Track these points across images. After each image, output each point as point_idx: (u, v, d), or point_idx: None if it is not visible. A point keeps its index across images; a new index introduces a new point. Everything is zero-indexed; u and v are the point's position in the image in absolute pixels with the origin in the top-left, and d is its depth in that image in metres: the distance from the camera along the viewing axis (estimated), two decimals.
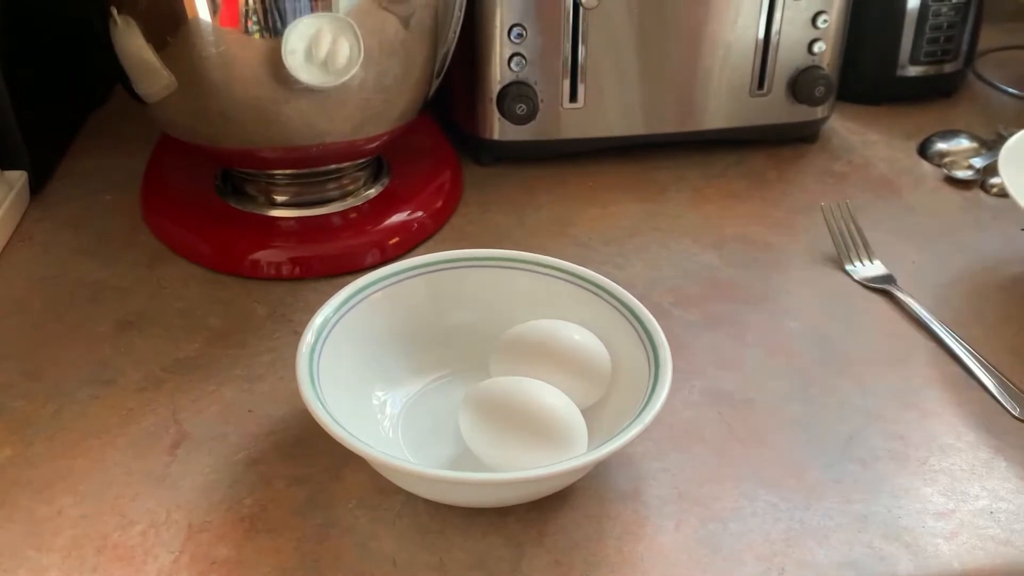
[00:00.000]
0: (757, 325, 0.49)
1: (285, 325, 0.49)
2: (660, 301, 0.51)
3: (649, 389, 0.39)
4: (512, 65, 0.58)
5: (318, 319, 0.41)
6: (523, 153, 0.62)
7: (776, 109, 0.62)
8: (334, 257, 0.52)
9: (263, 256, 0.52)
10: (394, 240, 0.54)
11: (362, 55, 0.47)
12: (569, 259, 0.45)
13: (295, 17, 0.45)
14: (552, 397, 0.39)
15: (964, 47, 0.69)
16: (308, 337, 0.40)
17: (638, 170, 0.62)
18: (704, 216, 0.58)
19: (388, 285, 0.44)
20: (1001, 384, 0.45)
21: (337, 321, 0.42)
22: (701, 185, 0.61)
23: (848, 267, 0.54)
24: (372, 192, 0.56)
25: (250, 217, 0.54)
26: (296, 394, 0.39)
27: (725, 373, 0.46)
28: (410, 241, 0.55)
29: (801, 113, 0.63)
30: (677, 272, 0.53)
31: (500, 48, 0.58)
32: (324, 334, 0.41)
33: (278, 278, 0.52)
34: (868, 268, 0.53)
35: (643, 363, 0.41)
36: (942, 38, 0.67)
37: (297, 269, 0.52)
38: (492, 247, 0.48)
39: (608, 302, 0.43)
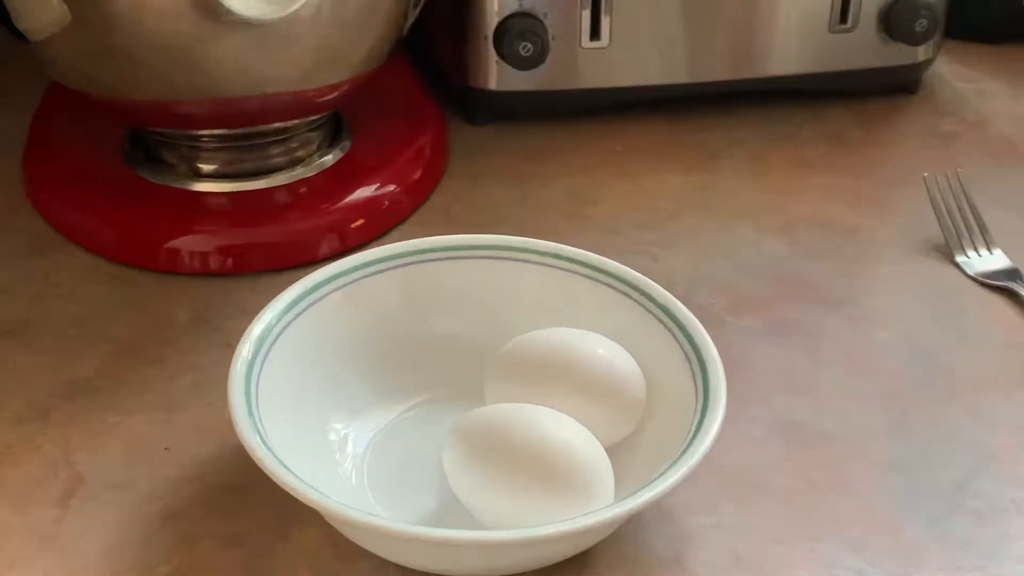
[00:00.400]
0: (837, 335, 0.49)
1: (214, 335, 0.49)
2: (709, 304, 0.51)
3: (696, 420, 0.39)
4: None
5: (257, 328, 0.41)
6: (528, 108, 0.61)
7: (863, 50, 0.62)
8: (279, 245, 0.52)
9: (184, 244, 0.52)
10: (358, 223, 0.54)
11: None
12: (590, 248, 0.45)
13: None
14: (567, 431, 0.39)
15: None
16: (245, 351, 0.40)
17: (681, 131, 0.62)
18: (767, 191, 0.58)
19: (350, 283, 0.44)
20: None
21: (283, 330, 0.42)
22: (764, 150, 0.61)
23: (959, 258, 0.53)
24: (328, 159, 0.56)
25: (167, 193, 0.54)
26: (228, 426, 0.39)
27: (795, 399, 0.46)
28: (379, 224, 0.54)
29: (896, 55, 0.63)
30: (732, 266, 0.53)
31: None
32: (266, 347, 0.41)
33: (205, 273, 0.52)
34: (985, 260, 0.53)
35: (688, 386, 0.41)
36: None
37: (230, 261, 0.52)
38: (487, 232, 0.48)
39: (642, 305, 0.43)
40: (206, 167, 0.55)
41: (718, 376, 0.40)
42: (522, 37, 0.58)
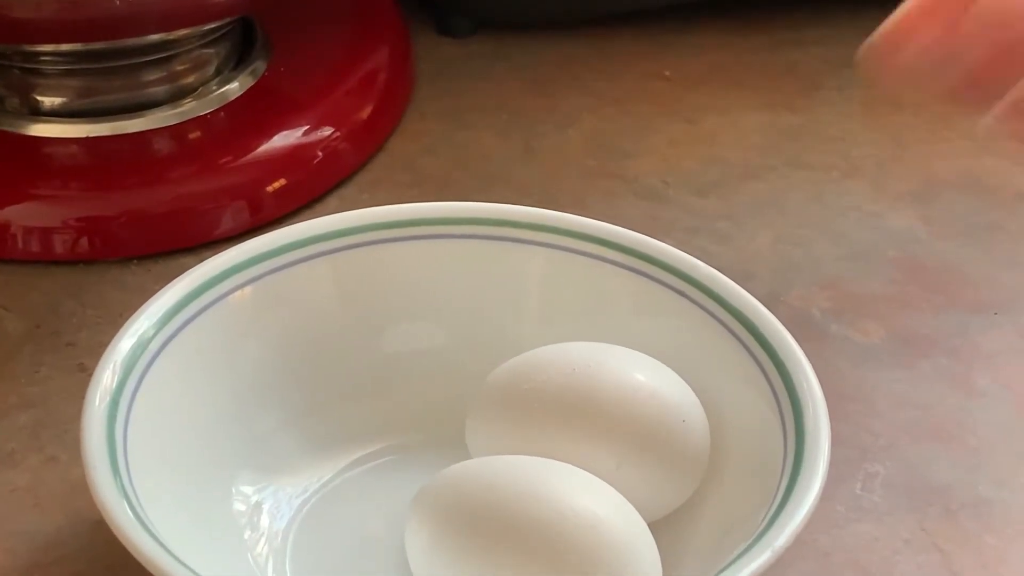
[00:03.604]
0: (996, 356, 0.50)
1: (61, 353, 0.49)
2: (805, 308, 0.51)
3: (784, 482, 0.39)
4: None
5: (126, 342, 0.41)
6: (533, 12, 0.62)
7: None
8: (158, 218, 0.53)
9: (17, 216, 0.52)
10: (277, 184, 0.54)
11: None
12: (625, 222, 0.45)
13: None
14: (590, 498, 0.39)
15: None
16: (107, 378, 0.40)
17: (761, 46, 0.62)
18: (892, 137, 0.58)
19: (266, 275, 0.44)
20: None
21: (164, 346, 0.42)
22: None
23: None
24: (233, 89, 0.56)
25: None
26: (82, 490, 0.39)
27: (934, 449, 0.46)
28: (309, 186, 0.55)
29: None
30: (839, 250, 0.53)
31: None
32: (138, 372, 0.41)
33: (47, 260, 0.52)
34: None
35: (772, 429, 0.40)
36: None
37: (84, 242, 0.52)
38: (473, 198, 0.48)
39: (703, 308, 0.43)
40: (49, 101, 0.55)
41: (817, 415, 0.40)
42: None
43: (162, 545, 0.37)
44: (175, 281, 0.43)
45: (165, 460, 0.40)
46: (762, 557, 0.37)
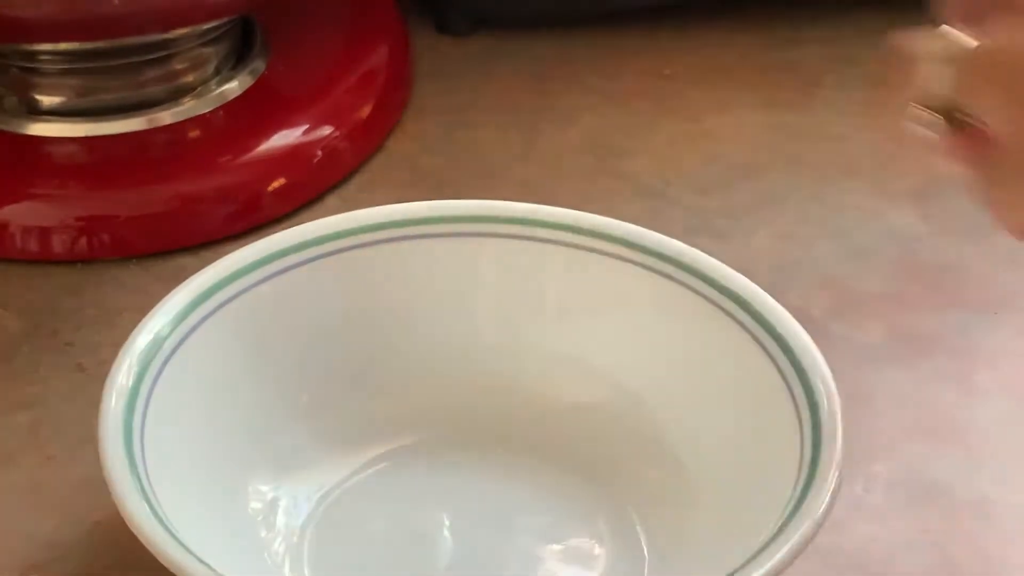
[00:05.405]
0: (997, 355, 0.50)
1: (60, 352, 0.49)
2: (805, 307, 0.50)
3: (801, 480, 0.39)
4: None
5: (141, 340, 0.41)
6: (532, 9, 0.62)
7: None
8: (157, 218, 0.53)
9: (15, 216, 0.52)
10: (277, 183, 0.54)
11: None
12: (627, 220, 0.45)
13: None
14: None
15: None
16: (120, 378, 0.40)
17: (762, 45, 0.62)
18: (893, 136, 0.57)
19: (285, 271, 0.44)
20: None
21: (180, 343, 0.41)
22: (887, 73, 0.61)
23: None
24: (232, 88, 0.56)
25: None
26: (78, 492, 0.39)
27: (935, 449, 0.46)
28: (309, 185, 0.55)
29: None
30: (838, 249, 0.53)
31: None
32: (155, 370, 0.41)
33: (46, 260, 0.52)
34: None
35: (787, 427, 0.40)
36: None
37: (83, 241, 0.52)
38: (472, 196, 0.47)
39: (722, 311, 0.43)
40: (48, 100, 0.55)
41: (834, 416, 0.40)
42: None
43: (181, 544, 0.37)
44: (191, 278, 0.43)
45: (181, 457, 0.40)
46: (778, 556, 0.37)
